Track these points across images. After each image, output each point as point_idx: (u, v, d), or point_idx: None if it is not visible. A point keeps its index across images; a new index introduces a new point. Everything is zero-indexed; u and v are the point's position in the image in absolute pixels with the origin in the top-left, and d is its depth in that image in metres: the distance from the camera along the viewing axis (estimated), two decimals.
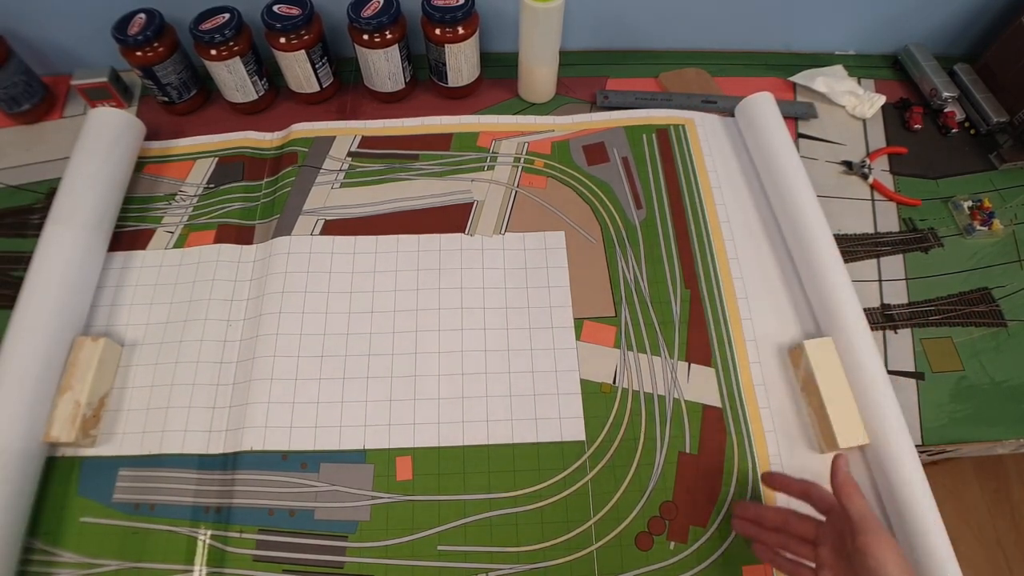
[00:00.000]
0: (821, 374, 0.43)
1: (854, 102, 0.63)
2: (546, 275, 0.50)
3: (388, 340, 0.47)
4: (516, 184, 0.55)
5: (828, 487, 0.36)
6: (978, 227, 0.55)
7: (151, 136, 0.57)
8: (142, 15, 0.53)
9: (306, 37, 0.55)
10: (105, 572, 0.39)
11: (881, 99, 0.63)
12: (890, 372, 0.48)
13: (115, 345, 0.45)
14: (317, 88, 0.59)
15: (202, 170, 0.56)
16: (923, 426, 0.46)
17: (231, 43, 0.54)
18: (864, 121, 0.63)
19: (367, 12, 0.54)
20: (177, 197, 0.54)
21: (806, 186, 0.51)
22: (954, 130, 0.62)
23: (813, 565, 0.35)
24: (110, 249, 0.50)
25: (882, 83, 0.67)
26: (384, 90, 0.60)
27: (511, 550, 0.40)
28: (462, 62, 0.58)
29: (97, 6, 0.55)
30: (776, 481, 0.39)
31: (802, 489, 0.38)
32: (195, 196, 0.54)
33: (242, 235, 0.52)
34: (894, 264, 0.54)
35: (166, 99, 0.58)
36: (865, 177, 0.58)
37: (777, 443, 0.44)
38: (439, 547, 0.40)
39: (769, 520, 0.38)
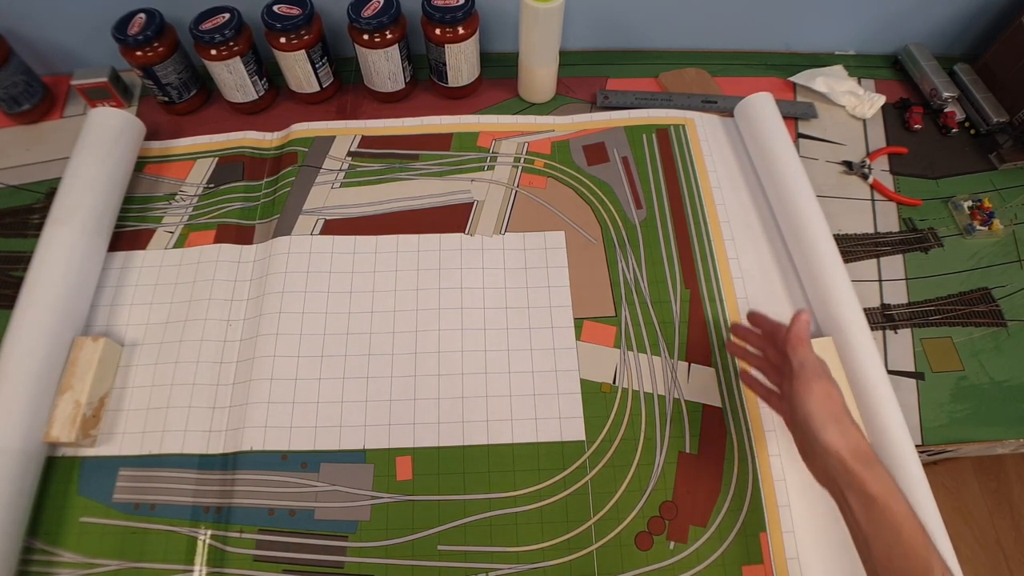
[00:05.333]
0: None
1: (854, 102, 0.63)
2: (546, 275, 0.50)
3: (388, 340, 0.47)
4: (516, 184, 0.55)
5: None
6: (978, 227, 0.55)
7: (151, 136, 0.57)
8: (142, 15, 0.53)
9: (306, 37, 0.55)
10: (105, 572, 0.39)
11: (881, 99, 0.63)
12: (890, 372, 0.48)
13: (115, 345, 0.45)
14: (317, 88, 0.59)
15: (202, 170, 0.56)
16: (923, 426, 0.46)
17: (231, 43, 0.54)
18: (864, 121, 0.63)
19: (367, 12, 0.54)
20: (177, 197, 0.54)
21: (806, 186, 0.51)
22: (954, 130, 0.62)
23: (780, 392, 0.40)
24: (110, 249, 0.50)
25: (882, 83, 0.67)
26: (384, 90, 0.60)
27: (511, 550, 0.40)
28: (462, 62, 0.58)
29: (97, 6, 0.55)
30: (755, 320, 0.43)
31: (772, 329, 0.41)
32: (195, 196, 0.54)
33: (242, 235, 0.52)
34: (894, 264, 0.54)
35: (166, 99, 0.58)
36: (865, 177, 0.58)
37: (777, 443, 0.44)
38: (439, 547, 0.40)
39: (753, 342, 0.43)
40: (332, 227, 0.52)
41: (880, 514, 0.32)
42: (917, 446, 0.45)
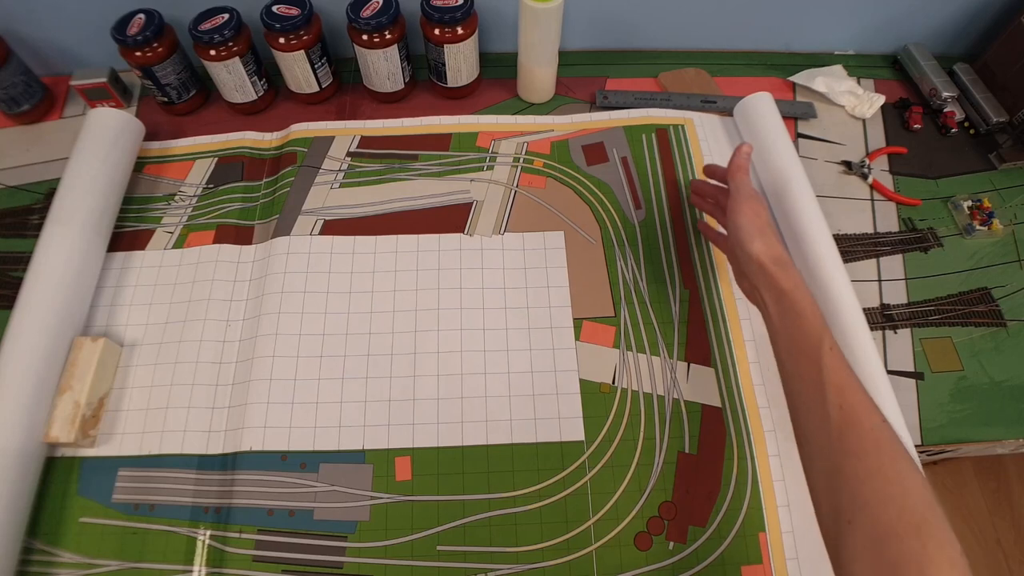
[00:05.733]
0: None
1: (854, 102, 0.63)
2: (545, 275, 0.50)
3: (387, 340, 0.47)
4: (515, 184, 0.55)
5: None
6: (978, 227, 0.55)
7: (150, 136, 0.57)
8: (141, 15, 0.53)
9: (305, 37, 0.55)
10: (105, 572, 0.39)
11: (881, 99, 0.63)
12: (890, 372, 0.48)
13: (114, 345, 0.45)
14: (316, 88, 0.59)
15: (201, 170, 0.56)
16: (923, 426, 0.46)
17: (230, 43, 0.54)
18: (864, 121, 0.63)
19: (366, 12, 0.54)
20: (176, 197, 0.54)
21: (805, 186, 0.51)
22: (954, 130, 0.62)
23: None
24: (109, 249, 0.50)
25: (882, 83, 0.66)
26: (383, 90, 0.60)
27: (510, 550, 0.40)
28: (461, 62, 0.58)
29: (96, 6, 0.55)
30: (709, 170, 0.50)
31: (721, 176, 0.48)
32: (194, 196, 0.54)
33: (241, 235, 0.52)
34: (893, 264, 0.54)
35: (165, 99, 0.58)
36: (865, 177, 0.58)
37: (777, 443, 0.44)
38: (438, 547, 0.40)
39: (707, 192, 0.49)
40: (331, 227, 0.52)
41: (788, 305, 0.37)
42: (917, 446, 0.45)
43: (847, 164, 0.59)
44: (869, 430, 0.31)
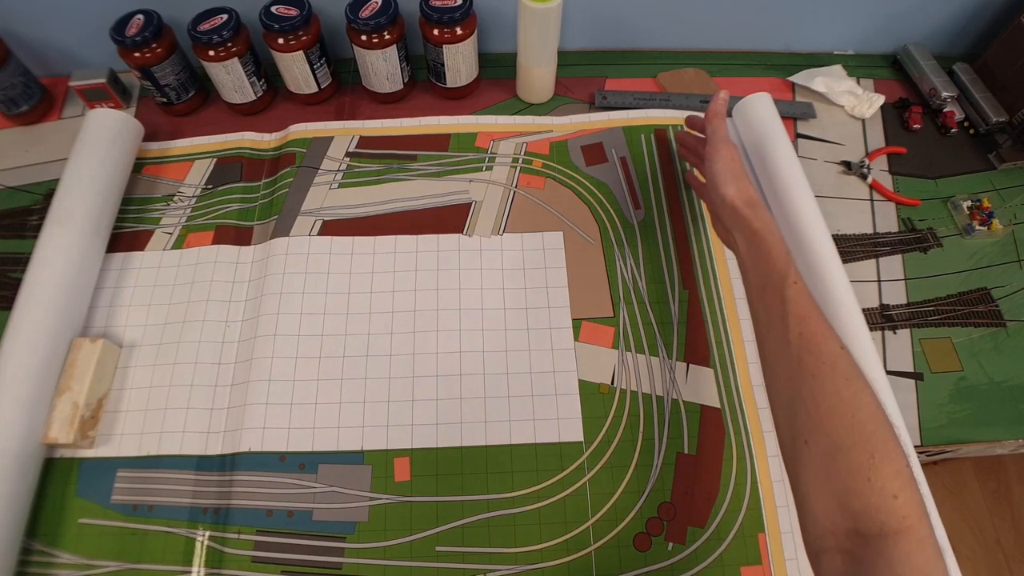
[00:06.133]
0: None
1: (853, 102, 0.63)
2: (544, 276, 0.50)
3: (386, 341, 0.47)
4: (514, 184, 0.55)
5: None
6: (977, 227, 0.55)
7: (149, 137, 0.57)
8: (140, 16, 0.53)
9: (304, 38, 0.55)
10: (104, 573, 0.39)
11: (880, 99, 0.63)
12: (889, 373, 0.48)
13: (113, 346, 0.45)
14: (315, 89, 0.59)
15: (200, 171, 0.56)
16: (922, 426, 0.46)
17: (229, 44, 0.54)
18: (863, 121, 0.63)
19: (365, 13, 0.54)
20: (175, 198, 0.54)
21: (804, 186, 0.51)
22: (953, 130, 0.62)
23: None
24: (108, 250, 0.50)
25: (881, 83, 0.66)
26: (382, 91, 0.60)
27: (509, 551, 0.40)
28: (460, 62, 0.58)
29: (95, 7, 0.55)
30: (690, 122, 0.52)
31: (702, 124, 0.48)
32: (193, 197, 0.54)
33: (240, 236, 0.52)
34: (893, 264, 0.54)
35: (164, 100, 0.58)
36: (864, 177, 0.58)
37: (776, 444, 0.44)
38: (437, 548, 0.40)
39: (690, 143, 0.51)
40: (330, 228, 0.52)
41: (758, 244, 0.38)
42: (916, 447, 0.45)
43: (846, 164, 0.59)
44: (827, 354, 0.32)
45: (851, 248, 0.54)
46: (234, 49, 0.54)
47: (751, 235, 0.39)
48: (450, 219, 0.53)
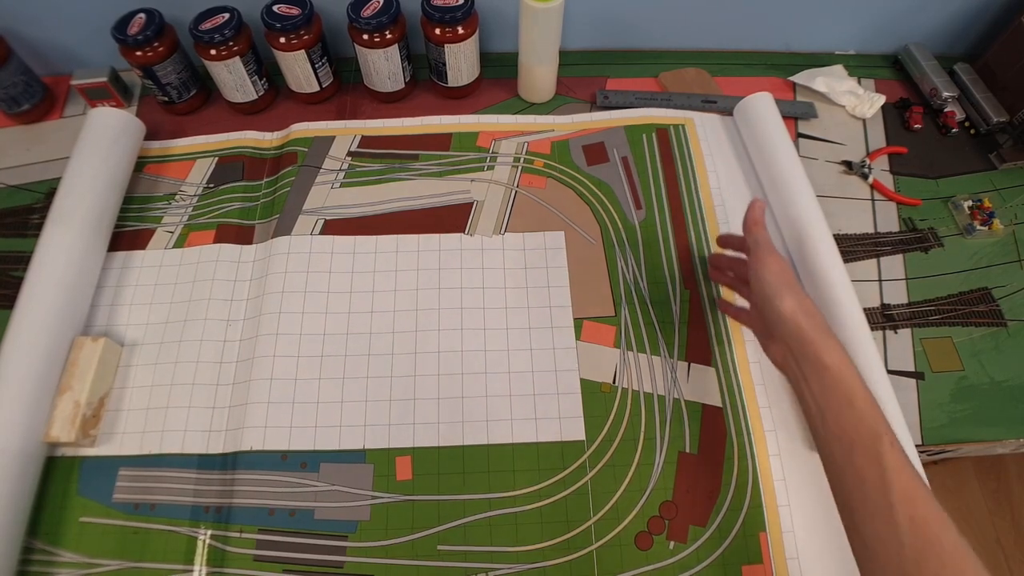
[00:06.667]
0: None
1: (854, 102, 0.63)
2: (546, 275, 0.50)
3: (388, 340, 0.47)
4: (516, 184, 0.55)
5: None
6: (978, 227, 0.55)
7: (151, 136, 0.57)
8: (142, 15, 0.53)
9: (306, 37, 0.55)
10: (105, 572, 0.39)
11: (881, 99, 0.63)
12: (890, 372, 0.48)
13: (115, 345, 0.45)
14: (317, 88, 0.59)
15: (202, 170, 0.56)
16: (923, 426, 0.46)
17: (231, 43, 0.54)
18: (864, 121, 0.63)
19: (367, 12, 0.54)
20: (177, 197, 0.54)
21: (806, 186, 0.51)
22: (954, 130, 0.62)
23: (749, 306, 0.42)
24: (110, 249, 0.50)
25: (882, 83, 0.67)
26: (384, 90, 0.60)
27: (511, 550, 0.40)
28: (462, 62, 0.58)
29: (97, 6, 0.55)
30: (723, 240, 0.48)
31: (737, 245, 0.45)
32: (195, 196, 0.54)
33: (242, 235, 0.52)
34: (894, 264, 0.54)
35: (166, 99, 0.58)
36: (865, 177, 0.58)
37: (777, 443, 0.44)
38: (439, 547, 0.40)
39: (725, 264, 0.47)
40: (332, 227, 0.52)
41: (833, 383, 0.32)
42: (917, 446, 0.45)
43: (847, 164, 0.59)
44: (951, 554, 0.27)
45: (852, 248, 0.54)
46: (236, 48, 0.54)
47: (821, 370, 0.33)
48: (452, 219, 0.53)
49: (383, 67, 0.57)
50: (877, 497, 0.29)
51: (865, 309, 0.47)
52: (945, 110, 0.63)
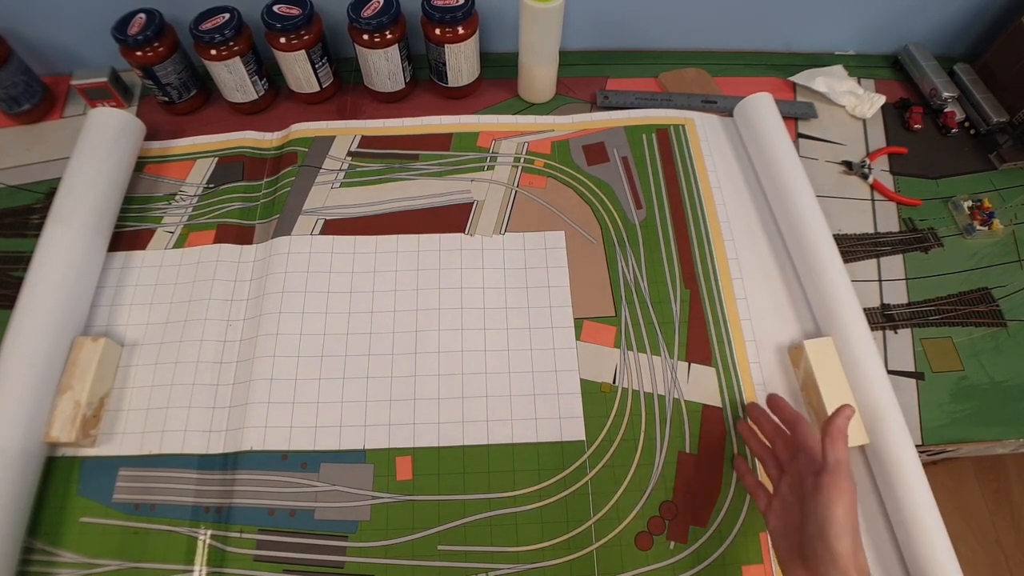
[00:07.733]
0: (821, 374, 0.43)
1: (854, 102, 0.63)
2: (546, 275, 0.50)
3: (388, 340, 0.47)
4: (516, 184, 0.55)
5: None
6: (978, 227, 0.55)
7: (151, 136, 0.57)
8: (142, 15, 0.53)
9: (306, 37, 0.55)
10: (105, 572, 0.39)
11: (881, 99, 0.63)
12: (890, 372, 0.48)
13: (115, 345, 0.45)
14: (317, 88, 0.59)
15: (202, 170, 0.56)
16: (923, 426, 0.46)
17: (231, 43, 0.54)
18: (864, 121, 0.63)
19: (367, 12, 0.54)
20: (177, 197, 0.54)
21: (806, 186, 0.51)
22: (954, 130, 0.62)
23: (771, 490, 0.38)
24: (110, 249, 0.50)
25: (882, 83, 0.67)
26: (384, 90, 0.60)
27: (511, 550, 0.40)
28: (462, 62, 0.58)
29: (97, 6, 0.55)
30: (772, 403, 0.42)
31: (792, 418, 0.39)
32: (195, 196, 0.54)
33: (242, 235, 0.52)
34: (894, 264, 0.54)
35: (166, 99, 0.58)
36: (865, 177, 0.58)
37: None
38: (439, 547, 0.40)
39: (765, 428, 0.41)
40: (332, 227, 0.52)
41: None
42: (917, 446, 0.45)
43: (847, 164, 0.59)
44: None
45: (852, 248, 0.54)
46: (236, 48, 0.54)
47: None
48: (452, 218, 0.53)
49: (383, 67, 0.57)
50: None
51: (865, 309, 0.47)
52: (945, 110, 0.63)
